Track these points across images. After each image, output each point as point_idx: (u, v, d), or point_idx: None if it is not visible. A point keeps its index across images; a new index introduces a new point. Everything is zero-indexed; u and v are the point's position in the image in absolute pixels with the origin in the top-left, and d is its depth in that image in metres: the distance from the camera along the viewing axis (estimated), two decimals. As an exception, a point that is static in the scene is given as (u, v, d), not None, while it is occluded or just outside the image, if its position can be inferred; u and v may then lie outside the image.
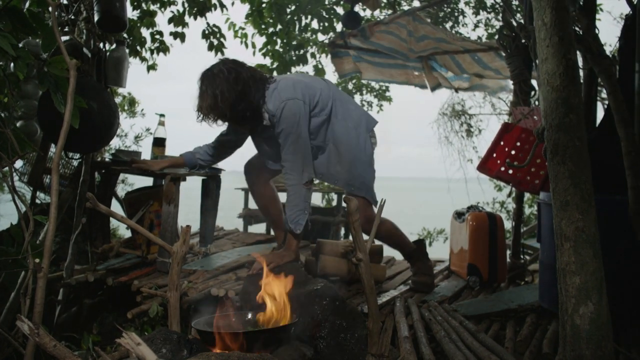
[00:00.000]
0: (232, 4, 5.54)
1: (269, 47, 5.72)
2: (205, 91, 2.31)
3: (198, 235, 3.40)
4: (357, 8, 4.98)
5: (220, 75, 2.30)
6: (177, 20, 5.03)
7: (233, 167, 3.45)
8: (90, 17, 2.79)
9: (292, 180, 2.41)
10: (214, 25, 5.16)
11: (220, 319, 1.85)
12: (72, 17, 2.86)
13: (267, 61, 5.89)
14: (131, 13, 4.81)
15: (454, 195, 6.96)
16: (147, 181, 3.58)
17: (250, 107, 2.35)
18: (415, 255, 2.92)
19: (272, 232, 3.59)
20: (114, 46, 3.04)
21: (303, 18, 5.43)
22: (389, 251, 3.59)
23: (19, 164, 3.80)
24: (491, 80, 5.08)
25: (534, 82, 3.02)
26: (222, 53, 5.26)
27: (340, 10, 5.47)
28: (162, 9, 5.08)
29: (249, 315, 1.94)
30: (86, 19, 2.82)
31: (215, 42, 5.18)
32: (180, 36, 5.11)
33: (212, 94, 2.28)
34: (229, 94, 2.28)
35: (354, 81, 8.11)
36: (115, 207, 3.42)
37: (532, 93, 3.01)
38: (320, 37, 5.97)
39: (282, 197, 2.76)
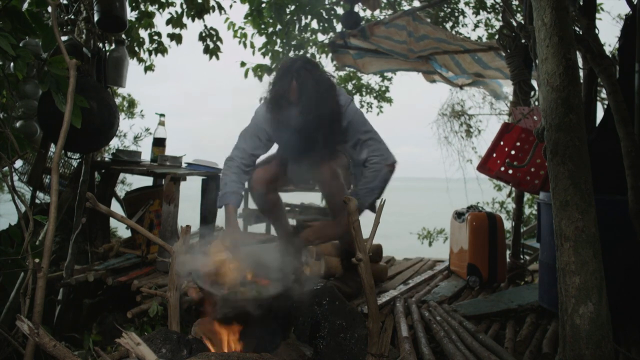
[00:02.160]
0: (231, 6, 5.54)
1: (268, 47, 5.71)
2: (304, 83, 2.33)
3: (198, 235, 3.39)
4: (357, 8, 4.98)
5: (313, 70, 2.39)
6: (175, 21, 5.02)
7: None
8: (90, 17, 2.79)
9: (375, 159, 2.42)
10: (211, 28, 5.15)
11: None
12: (72, 17, 2.86)
13: (267, 61, 5.89)
14: (129, 14, 4.81)
15: (454, 195, 6.96)
16: (147, 181, 3.58)
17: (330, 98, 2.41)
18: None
19: (272, 232, 3.58)
20: (113, 46, 3.04)
21: (303, 18, 5.43)
22: (388, 251, 3.60)
23: (18, 163, 3.80)
24: (492, 80, 5.07)
25: (534, 82, 3.02)
26: (217, 57, 5.25)
27: (340, 11, 5.47)
28: (161, 10, 5.08)
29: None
30: (86, 18, 2.82)
31: (212, 45, 5.17)
32: (177, 38, 5.10)
33: (311, 86, 2.33)
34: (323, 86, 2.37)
35: (353, 81, 8.10)
36: (115, 207, 3.42)
37: (532, 93, 3.01)
38: (320, 37, 5.98)
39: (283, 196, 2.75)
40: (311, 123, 2.36)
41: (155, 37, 5.16)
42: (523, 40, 2.86)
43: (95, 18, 2.73)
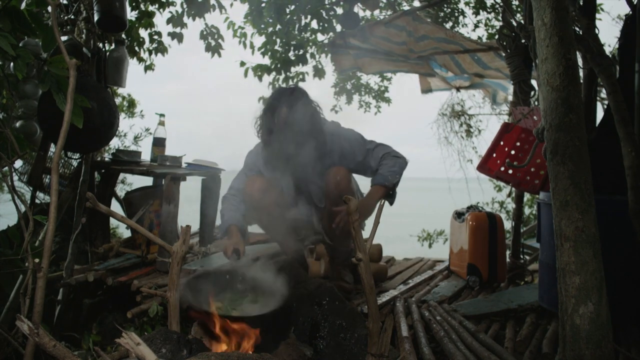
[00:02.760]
0: (231, 5, 5.54)
1: (268, 46, 5.71)
2: (289, 118, 2.44)
3: (198, 235, 3.39)
4: (357, 8, 4.98)
5: (300, 97, 2.50)
6: (176, 21, 5.03)
7: (233, 167, 3.45)
8: (90, 17, 2.79)
9: (395, 153, 2.58)
10: (212, 26, 5.16)
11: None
12: (72, 17, 2.86)
13: (267, 61, 5.89)
14: (130, 14, 4.81)
15: (454, 195, 6.95)
16: (147, 181, 3.58)
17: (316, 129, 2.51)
18: (343, 257, 2.76)
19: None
20: (113, 46, 3.04)
21: (302, 18, 5.42)
22: (388, 251, 3.60)
23: (18, 163, 3.80)
24: (491, 80, 5.07)
25: (533, 82, 3.02)
26: (219, 54, 5.26)
27: (339, 11, 5.46)
28: (161, 10, 5.08)
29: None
30: (86, 18, 2.82)
31: (213, 43, 5.18)
32: (178, 37, 5.10)
33: (296, 123, 2.42)
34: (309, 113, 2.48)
35: (352, 81, 8.09)
36: (115, 206, 3.42)
37: (532, 93, 3.01)
38: (320, 37, 5.97)
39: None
40: (301, 147, 2.46)
41: (156, 37, 5.16)
42: (523, 40, 2.86)
43: (95, 18, 2.73)
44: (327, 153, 2.56)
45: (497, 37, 3.23)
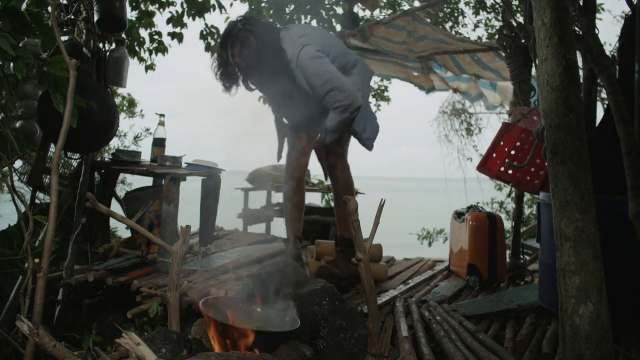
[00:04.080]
0: (231, 5, 5.55)
1: (268, 47, 5.72)
2: (234, 51, 2.32)
3: (198, 235, 3.39)
4: (356, 8, 4.98)
5: (240, 34, 2.34)
6: (176, 20, 5.03)
7: (233, 167, 3.45)
8: (90, 17, 2.79)
9: (339, 103, 2.36)
10: (212, 26, 5.16)
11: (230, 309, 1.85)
12: (72, 17, 2.85)
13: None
14: (130, 14, 4.81)
15: (454, 195, 6.95)
16: (147, 181, 3.58)
17: (275, 54, 2.35)
18: (346, 247, 2.76)
19: (272, 232, 3.58)
20: (113, 46, 3.04)
21: (302, 18, 5.43)
22: (388, 251, 3.60)
23: (18, 163, 3.80)
24: (485, 82, 5.09)
25: (533, 82, 3.02)
26: None
27: (339, 11, 5.46)
28: (161, 10, 5.08)
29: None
30: (86, 18, 2.82)
31: (213, 42, 5.18)
32: (178, 36, 5.10)
33: (241, 53, 2.31)
34: (255, 47, 2.31)
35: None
36: (115, 207, 3.42)
37: (532, 93, 3.01)
38: (320, 37, 5.97)
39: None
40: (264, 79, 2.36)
41: (156, 37, 5.16)
42: (523, 40, 2.86)
43: (95, 18, 2.73)
44: (295, 75, 2.42)
45: (497, 37, 3.23)
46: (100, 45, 2.90)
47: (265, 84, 2.43)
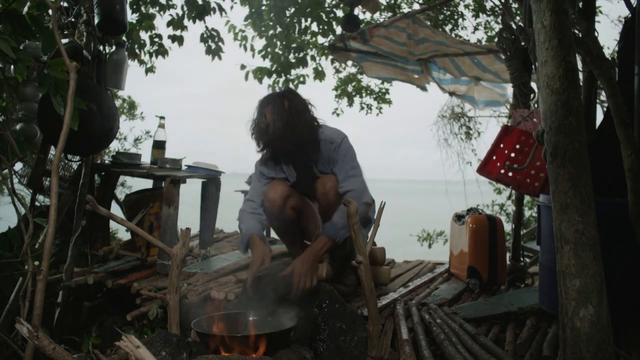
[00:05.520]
0: (231, 8, 5.56)
1: (268, 49, 5.73)
2: (272, 117, 2.39)
3: (198, 238, 3.39)
4: (357, 11, 4.98)
5: (284, 103, 2.43)
6: (176, 23, 5.04)
7: (233, 170, 3.45)
8: (91, 20, 2.79)
9: (351, 194, 2.38)
10: (212, 29, 5.16)
11: (219, 319, 1.85)
12: (72, 20, 2.86)
13: (267, 63, 5.90)
14: (130, 16, 4.82)
15: (454, 197, 6.96)
16: (147, 183, 3.58)
17: (312, 132, 2.48)
18: (343, 260, 2.69)
19: (272, 235, 3.57)
20: (113, 49, 3.05)
21: (303, 20, 5.44)
22: (388, 253, 3.59)
23: (18, 166, 3.80)
24: (485, 90, 5.10)
25: (533, 85, 3.02)
26: (220, 57, 5.26)
27: (340, 13, 5.48)
28: (161, 12, 5.10)
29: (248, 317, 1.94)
30: (86, 21, 2.83)
31: (213, 45, 5.18)
32: (179, 39, 5.11)
33: (280, 120, 2.37)
34: (298, 118, 2.41)
35: (353, 83, 8.11)
36: (115, 209, 3.42)
37: (532, 96, 3.01)
38: (320, 39, 5.98)
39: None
40: (289, 141, 2.42)
41: (156, 39, 5.17)
42: (522, 43, 2.86)
43: (96, 21, 2.74)
44: (320, 155, 2.51)
45: (496, 39, 3.23)
46: (101, 47, 2.90)
47: (287, 145, 2.48)
